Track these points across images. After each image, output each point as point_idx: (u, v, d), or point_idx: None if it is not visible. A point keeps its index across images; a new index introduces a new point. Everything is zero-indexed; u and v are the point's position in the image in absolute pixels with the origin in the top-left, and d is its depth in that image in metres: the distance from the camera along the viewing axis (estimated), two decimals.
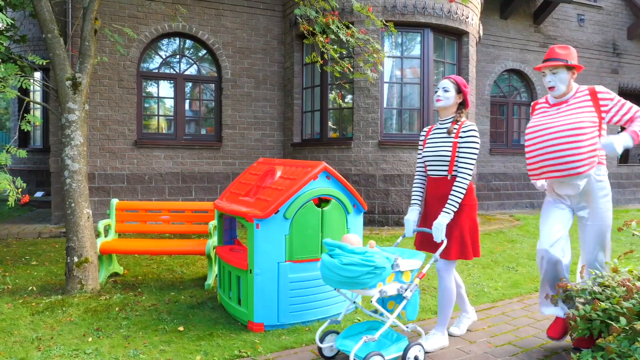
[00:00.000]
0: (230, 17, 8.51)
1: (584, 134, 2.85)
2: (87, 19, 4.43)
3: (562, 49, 3.06)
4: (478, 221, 3.14)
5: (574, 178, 2.92)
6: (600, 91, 3.00)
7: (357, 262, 2.54)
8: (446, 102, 3.13)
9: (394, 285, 2.76)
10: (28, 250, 5.99)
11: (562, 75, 3.03)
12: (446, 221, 2.95)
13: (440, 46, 8.31)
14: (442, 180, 3.09)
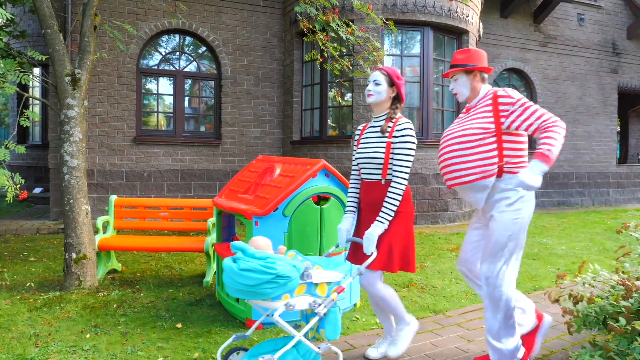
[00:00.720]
0: (230, 14, 8.49)
1: (472, 141, 2.64)
2: (87, 14, 4.42)
3: (461, 54, 2.85)
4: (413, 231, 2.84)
5: (466, 188, 2.69)
6: (500, 95, 2.70)
7: (256, 269, 2.21)
8: (378, 97, 2.81)
9: (304, 298, 2.41)
10: (26, 246, 5.98)
11: (461, 81, 2.83)
12: (379, 231, 2.66)
13: (440, 45, 8.30)
14: (375, 184, 2.79)
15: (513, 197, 2.62)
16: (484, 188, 2.64)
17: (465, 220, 8.42)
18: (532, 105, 2.62)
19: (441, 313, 3.79)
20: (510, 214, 2.62)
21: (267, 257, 2.27)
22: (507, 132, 2.65)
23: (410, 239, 2.78)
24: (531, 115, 2.59)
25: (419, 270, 5.06)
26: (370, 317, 3.63)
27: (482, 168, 2.60)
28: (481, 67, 2.80)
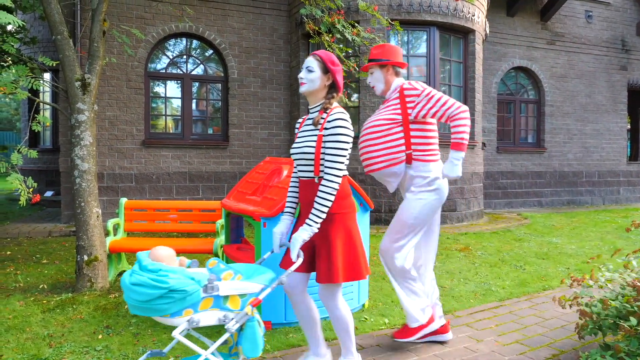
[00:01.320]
0: (237, 17, 8.55)
1: (381, 131, 2.89)
2: (96, 20, 4.48)
3: (377, 49, 3.05)
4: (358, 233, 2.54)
5: (378, 174, 2.97)
6: (406, 87, 2.92)
7: (146, 283, 2.02)
8: (310, 85, 2.51)
9: (212, 313, 2.19)
10: (39, 248, 6.06)
11: (376, 75, 3.04)
12: (304, 236, 2.37)
13: (447, 44, 8.30)
14: (309, 183, 2.51)
15: (421, 182, 2.89)
16: (393, 174, 2.91)
17: (474, 220, 8.40)
18: (437, 94, 2.84)
19: (450, 313, 3.79)
20: (417, 196, 2.89)
21: (159, 270, 2.07)
22: (414, 121, 2.88)
23: (352, 242, 2.47)
24: (436, 103, 2.82)
25: None
26: (378, 318, 3.64)
27: (390, 156, 2.87)
28: (394, 62, 2.99)
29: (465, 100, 8.48)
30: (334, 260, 2.42)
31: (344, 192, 2.50)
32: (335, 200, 2.45)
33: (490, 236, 7.10)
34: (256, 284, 2.30)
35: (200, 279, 2.15)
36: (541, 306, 3.97)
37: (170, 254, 2.31)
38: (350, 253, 2.48)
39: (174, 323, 2.14)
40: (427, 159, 2.91)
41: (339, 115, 2.43)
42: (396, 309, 3.84)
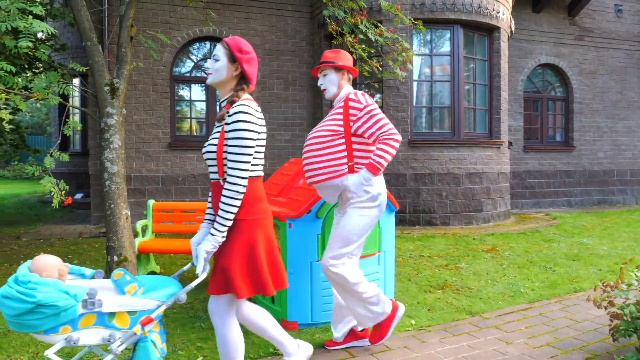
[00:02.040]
0: (259, 20, 8.62)
1: (323, 142, 2.84)
2: (124, 26, 4.58)
3: (332, 53, 3.02)
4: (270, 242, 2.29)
5: (319, 186, 2.91)
6: (351, 98, 2.88)
7: (14, 296, 1.85)
8: (216, 75, 2.27)
9: (96, 331, 1.99)
10: (70, 249, 6.23)
11: (330, 77, 2.97)
12: (208, 247, 2.14)
13: (471, 42, 8.18)
14: (217, 185, 2.27)
15: (363, 195, 2.82)
16: (334, 187, 2.85)
17: (500, 221, 8.25)
18: (377, 113, 2.81)
19: (478, 315, 3.73)
20: (361, 212, 2.83)
21: (28, 282, 1.88)
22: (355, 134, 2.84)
23: (254, 254, 2.20)
24: (374, 124, 2.80)
25: (453, 272, 5.00)
26: (405, 319, 3.61)
27: (332, 168, 2.82)
28: (350, 67, 2.97)
29: (491, 99, 8.35)
30: (228, 270, 2.16)
31: (253, 196, 2.22)
32: (242, 205, 2.18)
33: (517, 237, 6.96)
34: (151, 300, 2.07)
35: (76, 293, 1.93)
36: (572, 308, 3.87)
37: (53, 263, 2.09)
38: (253, 264, 2.20)
39: (50, 341, 1.95)
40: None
41: (240, 109, 2.15)
42: (422, 310, 3.80)
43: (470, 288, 4.44)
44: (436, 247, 6.23)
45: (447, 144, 7.72)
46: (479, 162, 7.91)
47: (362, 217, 2.84)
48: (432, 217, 7.66)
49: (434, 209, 7.67)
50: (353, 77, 3.06)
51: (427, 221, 7.68)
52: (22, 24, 2.95)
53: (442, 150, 7.71)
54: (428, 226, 7.65)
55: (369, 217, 2.86)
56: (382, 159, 2.76)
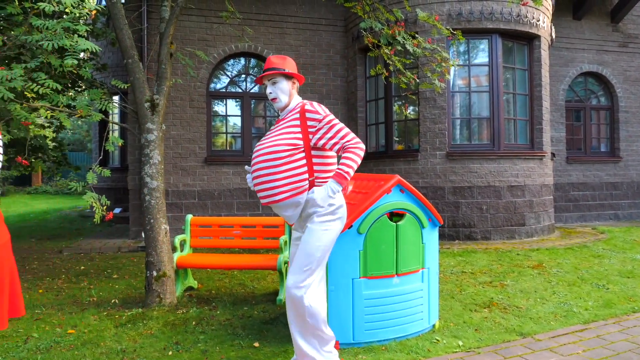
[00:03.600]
0: (294, 35, 8.67)
1: (281, 158, 2.63)
2: (164, 43, 4.66)
3: (279, 59, 2.87)
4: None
5: (278, 206, 2.71)
6: (308, 109, 2.70)
7: None
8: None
9: None
10: (109, 264, 6.32)
11: (281, 85, 2.81)
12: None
13: (510, 51, 7.97)
14: None
15: (324, 210, 2.69)
16: (296, 204, 2.68)
17: (544, 235, 7.91)
18: (337, 123, 2.69)
19: (529, 336, 3.52)
20: (322, 226, 2.68)
21: None
22: (317, 148, 2.69)
23: None
24: (336, 134, 2.66)
25: (499, 289, 4.77)
26: (451, 340, 3.44)
27: (293, 185, 2.63)
28: (299, 75, 2.86)
29: (532, 109, 8.08)
30: None
31: None
32: None
33: (564, 252, 6.63)
34: None
35: None
36: (633, 330, 3.61)
37: None
38: None
39: None
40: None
41: None
42: (469, 330, 3.62)
43: (518, 307, 4.21)
44: (478, 262, 5.99)
45: (486, 155, 7.49)
46: (520, 175, 7.63)
47: (325, 233, 2.71)
48: (472, 231, 7.41)
49: (474, 223, 7.42)
50: (300, 85, 2.98)
51: (467, 235, 7.43)
52: (68, 42, 3.02)
53: (482, 162, 7.48)
54: (468, 241, 7.41)
55: (333, 231, 2.74)
56: (350, 168, 2.65)
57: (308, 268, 2.68)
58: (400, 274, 3.40)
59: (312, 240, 2.68)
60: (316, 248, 2.68)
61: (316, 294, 2.71)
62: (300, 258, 2.69)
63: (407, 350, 3.23)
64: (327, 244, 2.72)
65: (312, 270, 2.69)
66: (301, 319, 2.69)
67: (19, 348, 3.35)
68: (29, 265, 6.31)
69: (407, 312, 3.43)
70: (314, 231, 2.69)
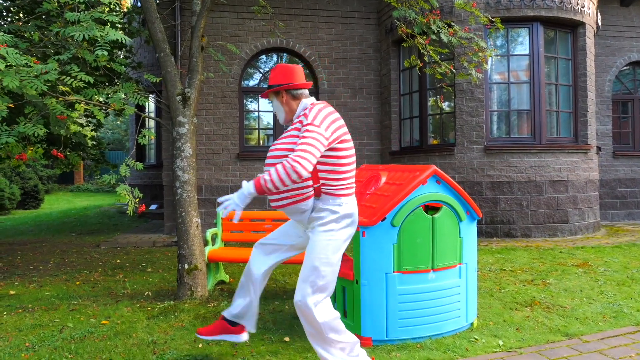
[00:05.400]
0: (326, 29, 8.57)
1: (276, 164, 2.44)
2: (195, 36, 4.65)
3: (271, 73, 2.69)
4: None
5: (284, 211, 2.60)
6: (305, 113, 2.51)
7: None
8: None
9: None
10: (144, 258, 6.40)
11: (274, 103, 2.71)
12: None
13: (552, 40, 7.61)
14: None
15: (327, 217, 2.52)
16: (301, 211, 2.54)
17: (589, 233, 7.51)
18: (312, 134, 2.36)
19: (576, 337, 3.30)
20: (326, 236, 2.51)
21: None
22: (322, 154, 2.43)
23: None
24: (300, 144, 2.36)
25: (541, 288, 4.53)
26: (490, 339, 3.26)
27: (295, 192, 2.49)
28: (287, 86, 2.59)
29: (576, 101, 7.68)
30: None
31: None
32: None
33: (612, 251, 6.26)
34: None
35: None
36: None
37: None
38: None
39: None
40: (337, 192, 2.53)
41: None
42: (510, 330, 3.42)
43: (563, 306, 3.97)
44: (518, 260, 5.73)
45: (527, 149, 7.17)
46: (563, 169, 7.27)
47: (330, 243, 2.52)
48: (512, 228, 7.11)
49: (514, 220, 7.12)
50: (301, 89, 2.64)
51: (506, 232, 7.14)
52: (99, 32, 3.02)
53: (522, 156, 7.17)
54: (507, 238, 7.11)
55: (338, 240, 2.54)
56: (270, 178, 2.32)
57: (313, 281, 2.50)
58: (436, 269, 3.25)
59: (316, 252, 2.52)
60: (320, 261, 2.50)
61: (326, 306, 2.55)
62: (306, 270, 2.53)
63: (443, 349, 3.08)
64: (332, 255, 2.52)
65: (318, 284, 2.51)
66: (316, 332, 2.55)
67: (54, 337, 3.40)
68: (68, 258, 6.48)
69: (443, 309, 3.27)
70: (317, 242, 2.53)
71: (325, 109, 2.53)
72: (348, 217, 2.57)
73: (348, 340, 2.60)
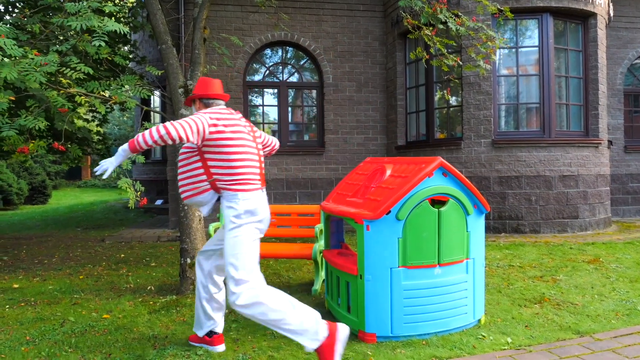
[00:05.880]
0: (331, 22, 8.46)
1: (182, 160, 2.82)
2: (197, 28, 4.58)
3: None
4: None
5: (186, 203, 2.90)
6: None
7: None
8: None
9: None
10: (148, 252, 6.37)
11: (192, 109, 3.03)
12: None
13: (562, 32, 7.45)
14: None
15: (229, 215, 2.67)
16: (199, 204, 2.81)
17: (600, 229, 7.37)
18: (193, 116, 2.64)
19: (587, 335, 3.20)
20: (231, 233, 2.66)
21: None
22: (208, 149, 2.68)
23: None
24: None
25: (551, 284, 4.42)
26: (499, 336, 3.17)
27: (191, 186, 2.77)
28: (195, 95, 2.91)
29: (587, 93, 7.53)
30: None
31: None
32: None
33: (624, 247, 6.13)
34: None
35: None
36: None
37: None
38: None
39: None
40: (233, 188, 2.70)
41: None
42: (519, 327, 3.33)
43: (573, 303, 3.87)
44: (527, 256, 5.62)
45: (536, 143, 7.04)
46: (573, 164, 7.13)
47: (234, 239, 2.66)
48: (520, 223, 7.00)
49: (522, 215, 7.00)
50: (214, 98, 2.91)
51: (514, 228, 7.02)
52: (97, 22, 2.95)
53: (531, 150, 7.04)
54: (515, 233, 7.00)
55: (243, 236, 2.67)
56: (141, 135, 2.53)
57: (232, 277, 2.63)
58: (442, 264, 3.16)
59: (226, 252, 2.68)
60: (233, 256, 2.65)
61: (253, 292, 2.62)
62: (225, 268, 2.69)
63: (449, 346, 3.00)
64: (240, 250, 2.65)
65: (235, 278, 2.62)
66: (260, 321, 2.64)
67: (55, 331, 3.36)
68: (73, 252, 6.46)
69: (450, 305, 3.19)
70: (226, 241, 2.69)
71: (222, 110, 2.79)
72: (250, 214, 2.69)
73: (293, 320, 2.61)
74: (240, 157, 2.71)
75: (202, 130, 2.60)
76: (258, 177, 2.79)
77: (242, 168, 2.71)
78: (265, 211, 2.79)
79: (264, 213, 2.78)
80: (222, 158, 2.70)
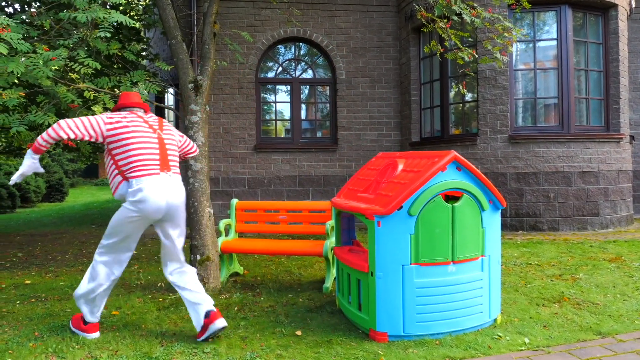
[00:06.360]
0: (344, 17, 8.37)
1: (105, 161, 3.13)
2: (207, 22, 4.53)
3: None
4: None
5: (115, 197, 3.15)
6: None
7: None
8: None
9: None
10: (159, 249, 6.35)
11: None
12: None
13: (581, 24, 7.23)
14: None
15: (129, 196, 2.98)
16: (121, 197, 3.06)
17: (622, 226, 7.15)
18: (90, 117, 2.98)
19: (609, 336, 3.06)
20: (116, 216, 3.03)
21: None
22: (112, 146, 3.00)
23: None
24: None
25: (570, 283, 4.27)
26: (516, 336, 3.05)
27: (113, 183, 3.07)
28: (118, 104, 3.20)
29: (608, 87, 7.30)
30: None
31: None
32: None
33: None
34: None
35: None
36: None
37: None
38: None
39: None
40: (130, 175, 2.98)
41: None
42: (537, 327, 3.21)
43: (594, 303, 3.72)
44: (545, 254, 5.46)
45: (554, 138, 6.85)
46: (594, 159, 6.93)
47: (118, 211, 3.01)
48: (538, 221, 6.82)
49: (540, 212, 6.82)
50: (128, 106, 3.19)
51: (532, 225, 6.85)
52: (102, 14, 2.92)
53: (549, 146, 6.85)
54: (533, 231, 6.82)
55: (122, 210, 2.98)
56: (40, 137, 2.87)
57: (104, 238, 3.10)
58: (456, 262, 3.06)
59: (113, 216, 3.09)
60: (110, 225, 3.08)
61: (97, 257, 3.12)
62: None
63: (464, 346, 2.89)
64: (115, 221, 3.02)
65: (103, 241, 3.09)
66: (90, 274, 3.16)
67: (63, 327, 3.34)
68: (86, 249, 6.49)
69: (464, 304, 3.08)
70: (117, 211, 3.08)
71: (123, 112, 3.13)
72: (135, 194, 2.93)
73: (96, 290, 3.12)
74: (134, 147, 2.99)
75: (96, 125, 2.94)
76: (156, 163, 3.03)
77: (136, 157, 2.99)
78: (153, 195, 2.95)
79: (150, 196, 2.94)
80: (121, 151, 3.00)
